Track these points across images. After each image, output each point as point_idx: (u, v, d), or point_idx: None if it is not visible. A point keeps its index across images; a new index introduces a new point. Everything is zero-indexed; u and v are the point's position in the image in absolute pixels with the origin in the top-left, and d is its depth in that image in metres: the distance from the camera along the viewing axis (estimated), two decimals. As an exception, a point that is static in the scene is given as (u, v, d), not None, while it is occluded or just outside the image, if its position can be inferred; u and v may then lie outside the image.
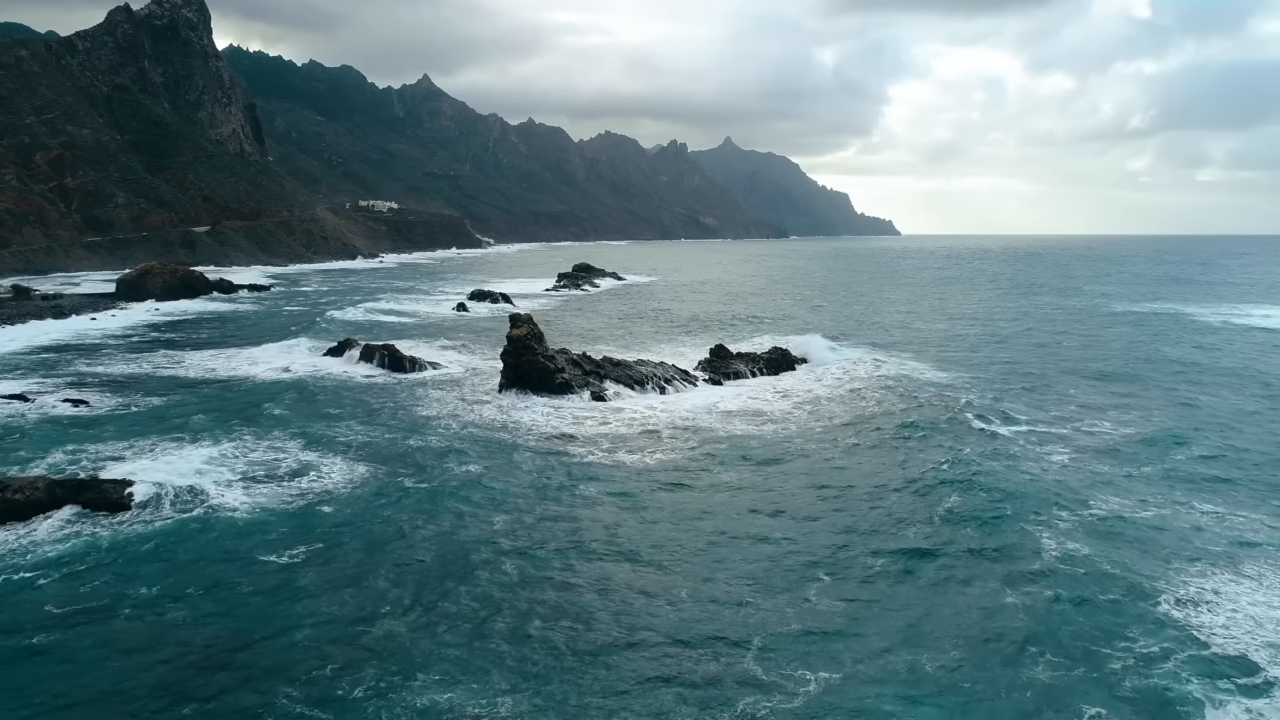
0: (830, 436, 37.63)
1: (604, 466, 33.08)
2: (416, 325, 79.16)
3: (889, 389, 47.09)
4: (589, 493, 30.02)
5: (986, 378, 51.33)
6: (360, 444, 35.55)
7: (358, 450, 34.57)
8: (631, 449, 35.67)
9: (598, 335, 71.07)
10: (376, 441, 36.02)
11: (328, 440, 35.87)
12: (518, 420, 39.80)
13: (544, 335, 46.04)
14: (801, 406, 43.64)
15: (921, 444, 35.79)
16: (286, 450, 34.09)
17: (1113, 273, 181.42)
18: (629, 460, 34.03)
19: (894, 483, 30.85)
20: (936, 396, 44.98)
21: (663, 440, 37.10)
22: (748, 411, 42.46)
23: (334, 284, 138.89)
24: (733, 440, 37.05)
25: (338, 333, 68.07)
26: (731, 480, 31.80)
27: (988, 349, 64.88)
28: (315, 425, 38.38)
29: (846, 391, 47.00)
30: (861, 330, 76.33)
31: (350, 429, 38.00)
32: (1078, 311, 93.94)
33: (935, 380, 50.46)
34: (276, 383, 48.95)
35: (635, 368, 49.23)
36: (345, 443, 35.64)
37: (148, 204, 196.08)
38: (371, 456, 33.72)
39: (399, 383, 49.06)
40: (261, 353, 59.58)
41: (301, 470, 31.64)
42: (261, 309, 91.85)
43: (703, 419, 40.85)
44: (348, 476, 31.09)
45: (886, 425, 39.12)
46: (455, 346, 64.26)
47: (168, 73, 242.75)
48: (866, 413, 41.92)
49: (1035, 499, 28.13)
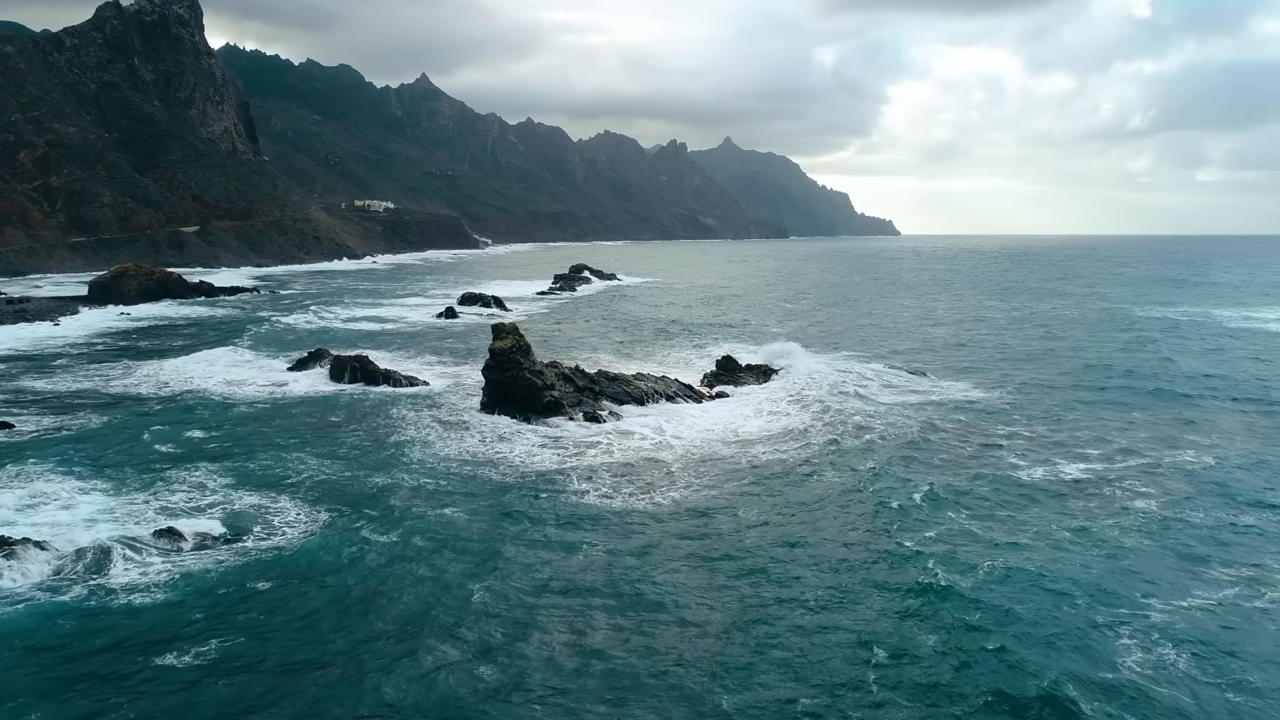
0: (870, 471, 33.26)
1: (607, 513, 27.92)
2: (399, 333, 74.47)
3: (922, 413, 42.67)
4: (593, 552, 24.66)
5: (1018, 402, 46.87)
6: (314, 483, 30.50)
7: (310, 491, 29.51)
8: (638, 486, 30.71)
9: (594, 343, 66.54)
10: (334, 479, 31.00)
11: (276, 478, 30.82)
12: (501, 450, 34.87)
13: (531, 348, 41.38)
14: (826, 425, 38.98)
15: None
16: (225, 493, 29.00)
17: (1121, 274, 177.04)
18: (637, 503, 28.97)
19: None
20: (969, 422, 40.48)
21: (674, 475, 32.26)
22: (769, 435, 37.66)
23: (321, 286, 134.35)
24: (756, 474, 32.26)
25: (311, 341, 63.52)
26: (765, 530, 26.42)
27: (1009, 364, 60.49)
28: (264, 457, 33.49)
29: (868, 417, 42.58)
30: (870, 342, 71.84)
31: (304, 462, 32.95)
32: (1095, 316, 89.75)
33: (969, 400, 46.12)
34: (231, 401, 44.27)
35: (634, 383, 44.73)
36: (296, 482, 30.59)
37: (135, 203, 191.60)
38: (326, 498, 28.82)
39: (370, 401, 44.18)
40: (223, 364, 54.83)
41: (238, 521, 26.40)
42: (237, 314, 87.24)
43: (716, 445, 36.31)
44: (294, 529, 26.04)
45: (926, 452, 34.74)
46: (437, 357, 59.52)
47: (158, 70, 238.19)
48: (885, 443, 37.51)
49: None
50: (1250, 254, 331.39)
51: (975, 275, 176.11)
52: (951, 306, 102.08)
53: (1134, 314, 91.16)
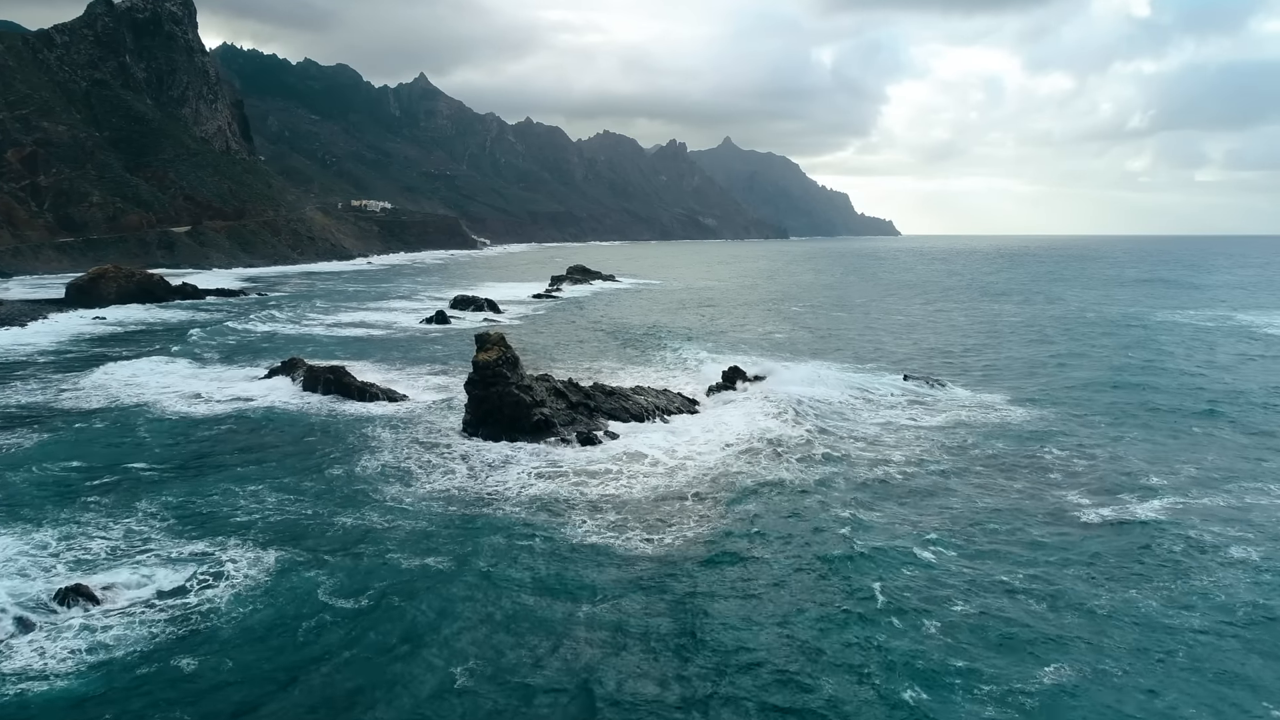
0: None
1: (615, 559, 23.83)
2: (384, 339, 70.60)
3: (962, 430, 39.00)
4: (600, 618, 20.45)
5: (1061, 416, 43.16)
6: (269, 524, 26.28)
7: (263, 535, 25.31)
8: (649, 524, 26.54)
9: (590, 350, 62.76)
10: (293, 519, 26.76)
11: (223, 517, 26.58)
12: (488, 481, 30.75)
13: (519, 360, 37.65)
14: (846, 451, 35.15)
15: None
16: (159, 536, 24.67)
17: (1130, 276, 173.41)
18: (648, 546, 24.81)
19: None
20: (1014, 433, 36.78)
21: (688, 506, 28.29)
22: (787, 453, 33.80)
23: (310, 288, 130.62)
24: (777, 506, 28.40)
25: (288, 349, 59.82)
26: (811, 576, 22.71)
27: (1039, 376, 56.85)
28: (213, 489, 29.12)
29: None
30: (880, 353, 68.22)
31: (260, 496, 28.73)
32: (1116, 320, 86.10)
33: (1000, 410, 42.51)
34: (186, 418, 40.21)
35: (633, 398, 41.11)
36: (247, 521, 26.37)
37: (125, 203, 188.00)
38: (281, 544, 24.57)
39: (343, 419, 40.08)
40: (186, 375, 50.74)
41: (172, 574, 22.06)
42: (216, 318, 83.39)
43: (731, 468, 32.33)
44: (240, 586, 21.80)
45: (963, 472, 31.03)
46: (423, 366, 55.50)
47: (150, 68, 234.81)
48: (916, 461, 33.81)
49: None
50: (1252, 254, 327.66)
51: (980, 277, 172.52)
52: (962, 309, 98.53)
53: (1152, 319, 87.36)
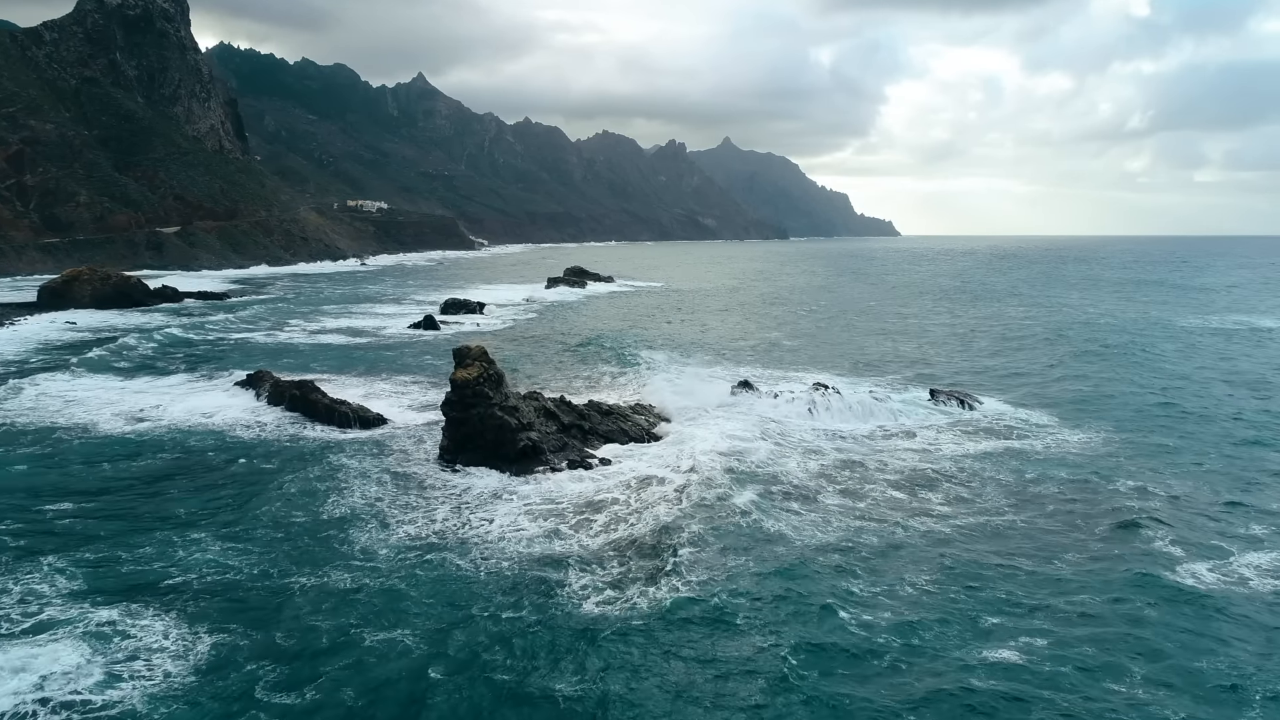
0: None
1: (622, 635, 19.54)
2: (367, 347, 66.46)
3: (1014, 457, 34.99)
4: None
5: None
6: (205, 585, 21.70)
7: (197, 599, 20.76)
8: (658, 580, 22.17)
9: (588, 360, 58.68)
10: (236, 577, 22.25)
11: (151, 577, 21.88)
12: (471, 524, 26.40)
13: (504, 376, 33.59)
14: (894, 481, 31.05)
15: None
16: (66, 603, 19.89)
17: (1138, 278, 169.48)
18: (658, 619, 20.31)
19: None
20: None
21: (709, 549, 24.11)
22: (818, 482, 29.82)
23: (299, 290, 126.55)
24: (816, 547, 24.37)
25: (263, 358, 55.85)
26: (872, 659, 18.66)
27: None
28: (143, 537, 24.46)
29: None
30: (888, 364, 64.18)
31: (198, 547, 24.04)
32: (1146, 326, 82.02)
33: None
34: (129, 441, 35.51)
35: (633, 417, 37.16)
36: (179, 584, 21.71)
37: (113, 203, 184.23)
38: (218, 613, 20.14)
39: (307, 444, 35.48)
40: (141, 389, 46.10)
41: (73, 657, 17.58)
42: (193, 323, 79.11)
43: (747, 500, 27.98)
44: (159, 677, 17.19)
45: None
46: (407, 378, 51.29)
47: (141, 65, 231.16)
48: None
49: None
50: (1254, 255, 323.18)
51: (986, 277, 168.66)
52: (971, 311, 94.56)
53: (1181, 324, 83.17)
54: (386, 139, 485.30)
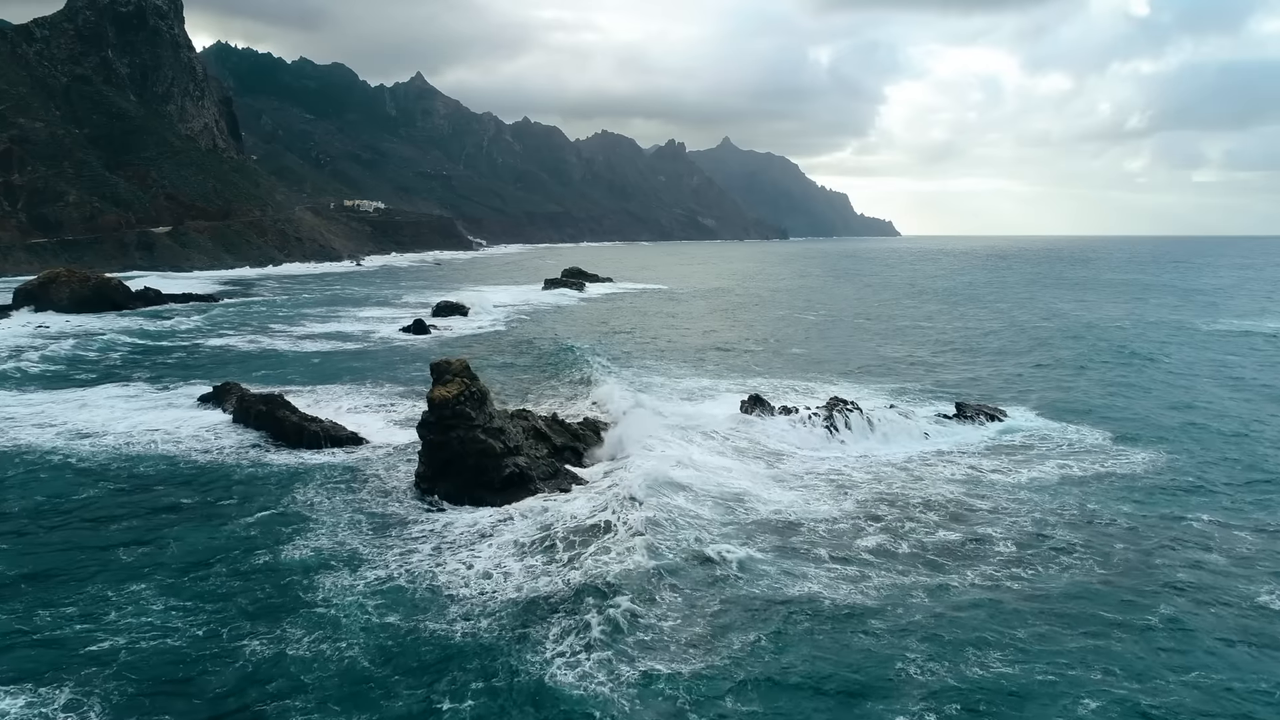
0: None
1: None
2: (353, 353, 62.79)
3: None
4: None
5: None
6: (140, 653, 18.18)
7: (127, 676, 17.33)
8: (669, 642, 18.84)
9: (586, 368, 55.02)
10: (177, 643, 18.63)
11: (71, 645, 18.48)
12: (453, 570, 22.77)
13: (488, 394, 30.00)
14: (922, 508, 27.70)
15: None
16: None
17: (1148, 280, 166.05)
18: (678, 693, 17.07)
19: None
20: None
21: (716, 610, 20.39)
22: (853, 523, 26.15)
23: (289, 292, 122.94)
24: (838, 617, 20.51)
25: (239, 367, 52.38)
26: None
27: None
28: (65, 593, 20.90)
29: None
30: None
31: (137, 603, 20.42)
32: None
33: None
34: (67, 465, 31.47)
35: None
36: (108, 650, 18.31)
37: (103, 203, 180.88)
38: (150, 697, 16.72)
39: (270, 471, 31.43)
40: (97, 404, 42.16)
41: None
42: (172, 328, 75.35)
43: (767, 547, 24.21)
44: None
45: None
46: (388, 389, 47.62)
47: (134, 63, 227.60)
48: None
49: None
50: (1256, 255, 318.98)
51: (992, 279, 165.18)
52: (984, 315, 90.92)
53: (1206, 329, 79.58)
54: (384, 139, 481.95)
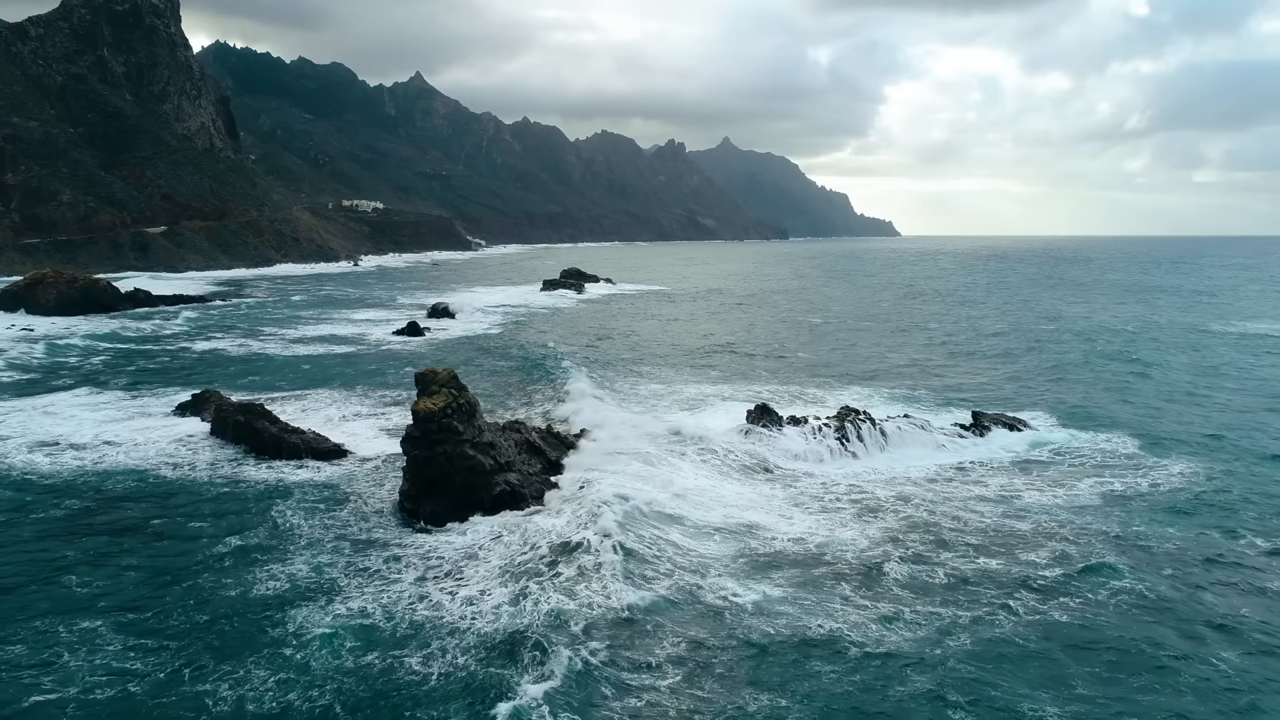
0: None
1: None
2: (345, 357, 60.87)
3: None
4: None
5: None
6: (91, 704, 16.41)
7: None
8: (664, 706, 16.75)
9: (584, 371, 53.18)
10: (134, 690, 16.87)
11: (14, 689, 16.75)
12: (431, 593, 21.02)
13: (477, 405, 28.14)
14: (954, 535, 25.30)
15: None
16: None
17: (1156, 281, 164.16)
18: None
19: None
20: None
21: (722, 656, 18.51)
22: (881, 551, 23.86)
23: (284, 293, 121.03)
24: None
25: (226, 372, 50.55)
26: None
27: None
28: (15, 624, 19.25)
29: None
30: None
31: (90, 642, 18.50)
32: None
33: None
34: (20, 481, 29.67)
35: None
36: (56, 700, 16.45)
37: (97, 202, 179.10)
38: None
39: (245, 487, 29.27)
40: (64, 413, 40.11)
41: None
42: (159, 330, 73.37)
43: (784, 582, 22.02)
44: None
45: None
46: (378, 396, 45.69)
47: (130, 62, 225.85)
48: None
49: None
50: (1257, 255, 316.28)
51: (994, 279, 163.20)
52: (989, 316, 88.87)
53: (1219, 330, 77.57)
54: (384, 138, 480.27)
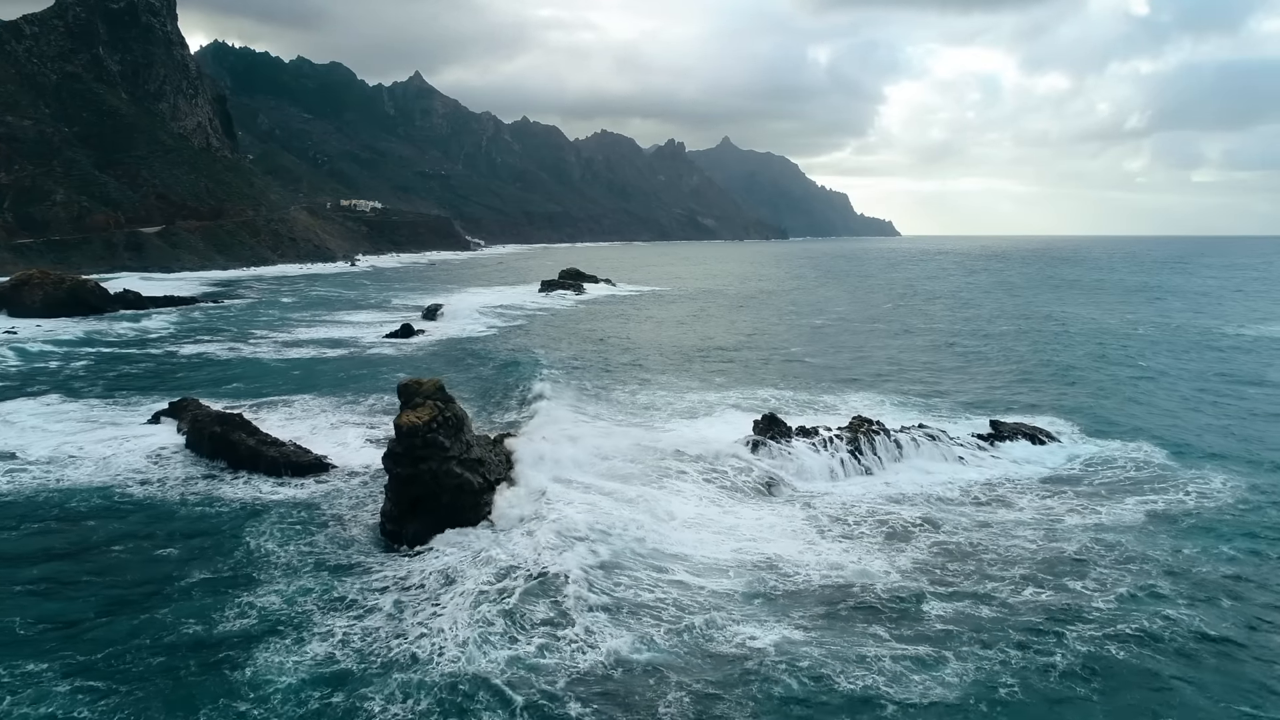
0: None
1: None
2: (336, 361, 58.86)
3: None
4: None
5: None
6: None
7: None
8: None
9: (583, 381, 51.16)
10: None
11: None
12: (400, 632, 19.08)
13: (465, 418, 26.11)
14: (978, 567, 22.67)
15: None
16: None
17: (1164, 281, 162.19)
18: None
19: None
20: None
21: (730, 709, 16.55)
22: (917, 584, 21.48)
23: (278, 294, 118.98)
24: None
25: (209, 378, 48.57)
26: None
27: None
28: None
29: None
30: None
31: (33, 688, 16.73)
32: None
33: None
34: None
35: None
36: None
37: (91, 202, 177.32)
38: None
39: (218, 507, 26.96)
40: (27, 423, 37.67)
41: None
42: (144, 334, 71.12)
43: (807, 623, 19.77)
44: None
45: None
46: (366, 403, 43.62)
47: (125, 61, 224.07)
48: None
49: None
50: (1258, 256, 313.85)
51: (996, 280, 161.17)
52: (993, 316, 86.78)
53: (1234, 333, 75.54)
54: (383, 138, 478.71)
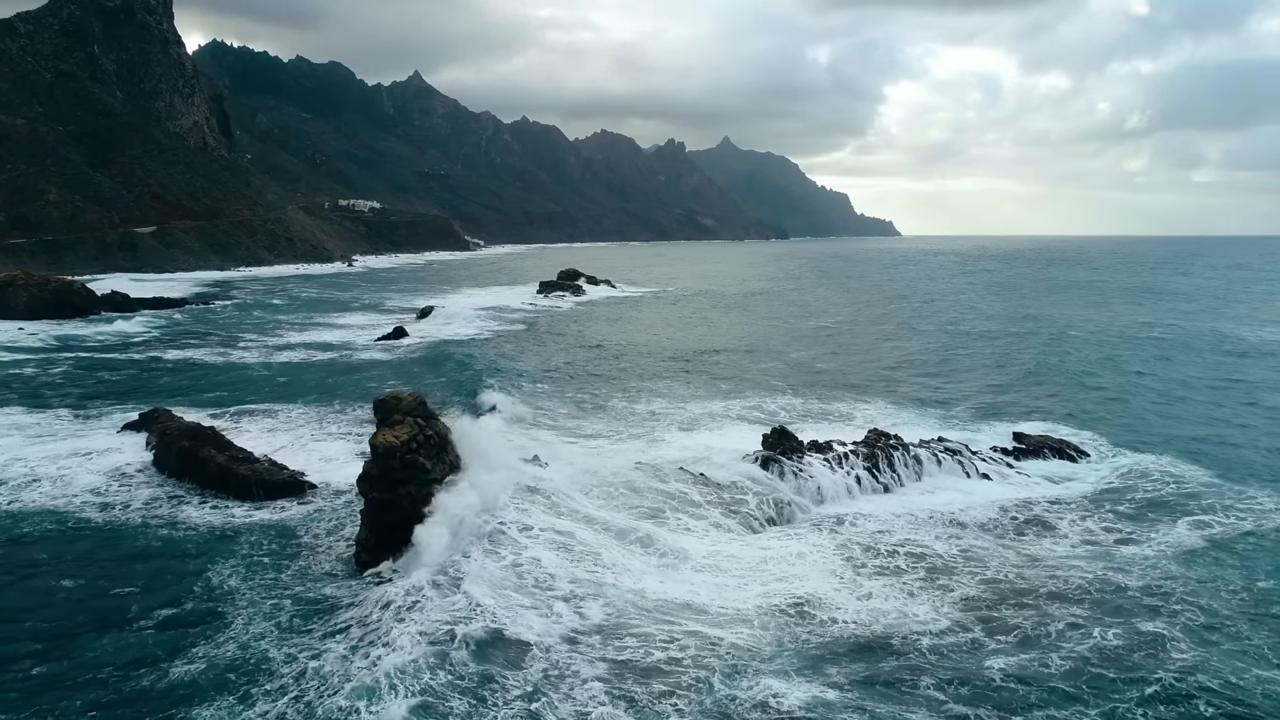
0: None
1: None
2: (324, 365, 56.60)
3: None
4: None
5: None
6: None
7: None
8: None
9: (581, 390, 48.95)
10: None
11: None
12: (356, 687, 16.66)
13: (450, 436, 23.95)
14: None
15: None
16: None
17: (1168, 281, 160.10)
18: None
19: None
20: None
21: None
22: (965, 625, 19.20)
23: (271, 295, 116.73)
24: None
25: (194, 383, 46.45)
26: None
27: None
28: None
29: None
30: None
31: None
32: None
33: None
34: None
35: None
36: None
37: (85, 201, 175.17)
38: None
39: (180, 532, 24.74)
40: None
41: None
42: (127, 338, 68.96)
43: (852, 679, 17.28)
44: None
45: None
46: (353, 412, 41.34)
47: (121, 59, 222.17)
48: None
49: None
50: (1260, 256, 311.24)
51: (997, 280, 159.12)
52: (998, 317, 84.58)
53: (1253, 338, 73.39)
54: (382, 138, 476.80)
